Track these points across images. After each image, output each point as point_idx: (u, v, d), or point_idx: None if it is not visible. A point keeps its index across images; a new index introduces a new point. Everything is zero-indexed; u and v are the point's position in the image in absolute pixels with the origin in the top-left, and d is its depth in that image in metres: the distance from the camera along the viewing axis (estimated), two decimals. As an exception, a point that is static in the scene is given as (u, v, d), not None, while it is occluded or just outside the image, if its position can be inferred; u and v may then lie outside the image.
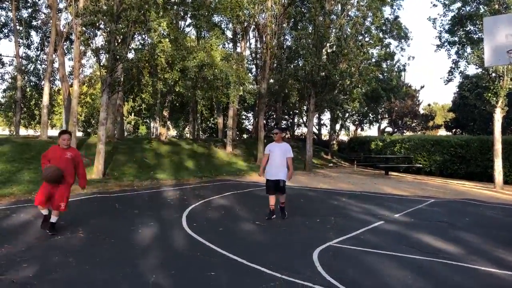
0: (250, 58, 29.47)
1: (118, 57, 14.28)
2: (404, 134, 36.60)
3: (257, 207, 9.60)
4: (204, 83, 18.05)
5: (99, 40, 18.37)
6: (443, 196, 12.46)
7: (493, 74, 15.45)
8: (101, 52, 14.77)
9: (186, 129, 41.12)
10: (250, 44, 29.00)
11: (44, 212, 6.60)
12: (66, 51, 23.38)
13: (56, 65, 22.38)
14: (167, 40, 15.76)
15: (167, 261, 5.33)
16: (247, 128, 39.77)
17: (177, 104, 31.48)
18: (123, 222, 7.56)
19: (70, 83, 20.85)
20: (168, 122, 29.34)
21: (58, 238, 6.33)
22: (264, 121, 30.69)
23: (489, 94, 15.38)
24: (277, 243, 6.40)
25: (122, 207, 9.27)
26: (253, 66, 30.01)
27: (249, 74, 25.92)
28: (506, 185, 16.24)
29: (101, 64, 14.66)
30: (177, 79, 15.85)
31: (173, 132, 45.06)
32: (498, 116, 15.46)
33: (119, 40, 14.54)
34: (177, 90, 16.51)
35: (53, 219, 6.55)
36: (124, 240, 6.34)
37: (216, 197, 11.15)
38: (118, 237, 6.52)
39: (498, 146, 15.42)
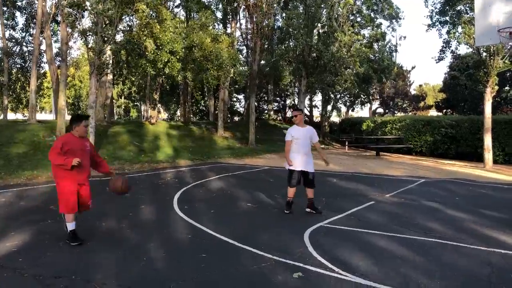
0: (241, 39, 29.19)
1: (106, 39, 14.04)
2: (395, 115, 36.70)
3: (249, 189, 9.60)
4: (193, 64, 17.85)
5: (86, 22, 18.03)
6: (433, 176, 12.54)
7: (484, 54, 15.44)
8: (88, 34, 14.50)
9: (177, 112, 40.88)
10: (240, 25, 28.71)
11: (73, 225, 5.29)
12: (52, 33, 22.95)
13: (43, 47, 22.00)
14: (155, 21, 15.50)
15: (158, 243, 5.32)
16: (239, 110, 39.63)
17: (168, 87, 31.23)
18: (114, 206, 7.53)
19: (57, 66, 20.53)
20: (159, 105, 29.13)
21: (48, 222, 6.28)
22: (256, 103, 30.59)
23: (480, 74, 15.39)
24: (269, 225, 6.41)
25: (113, 190, 9.21)
26: (244, 47, 29.74)
27: (240, 56, 25.69)
28: (496, 164, 16.38)
29: (89, 46, 14.41)
30: (166, 61, 15.66)
31: (164, 115, 44.81)
32: (489, 96, 15.50)
33: (107, 22, 14.28)
34: (166, 72, 16.30)
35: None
36: (115, 223, 6.32)
37: (208, 179, 11.14)
38: (109, 220, 6.49)
39: (488, 126, 15.50)
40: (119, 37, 16.84)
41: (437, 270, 4.46)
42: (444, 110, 36.21)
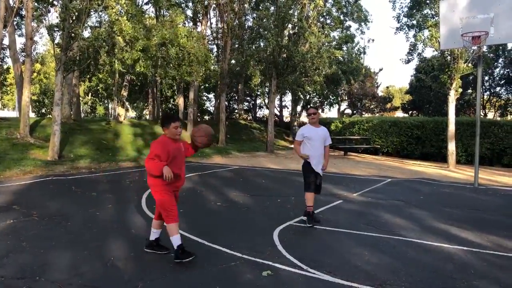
0: (211, 38, 29.05)
1: (73, 35, 13.70)
2: (363, 115, 37.30)
3: (219, 189, 9.58)
4: (165, 62, 17.65)
5: (53, 17, 17.55)
6: (399, 176, 12.84)
7: (448, 57, 15.91)
8: (55, 30, 14.11)
9: (146, 110, 40.31)
10: (211, 23, 28.57)
11: (157, 234, 4.95)
12: (16, 27, 22.21)
13: (6, 41, 21.25)
14: (125, 18, 15.24)
15: (126, 243, 5.23)
16: (209, 109, 39.44)
17: (137, 84, 30.77)
18: (80, 205, 7.36)
19: (22, 61, 19.89)
20: (127, 103, 28.65)
21: (11, 222, 6.08)
22: (226, 103, 30.52)
23: (444, 77, 15.85)
24: (238, 224, 6.41)
25: (79, 189, 9.02)
26: (214, 46, 29.62)
27: (211, 54, 25.58)
28: (459, 164, 16.91)
29: (55, 42, 14.03)
30: (137, 59, 15.42)
31: (132, 113, 44.10)
32: (452, 98, 15.98)
33: (74, 17, 13.93)
34: (137, 70, 16.05)
35: (157, 234, 4.97)
36: (81, 223, 6.18)
37: (177, 178, 11.02)
38: (75, 220, 6.34)
39: (451, 127, 15.98)
40: (87, 34, 16.49)
41: (403, 267, 4.57)
42: (410, 112, 37.06)
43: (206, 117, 37.53)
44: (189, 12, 26.08)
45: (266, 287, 3.95)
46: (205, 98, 38.97)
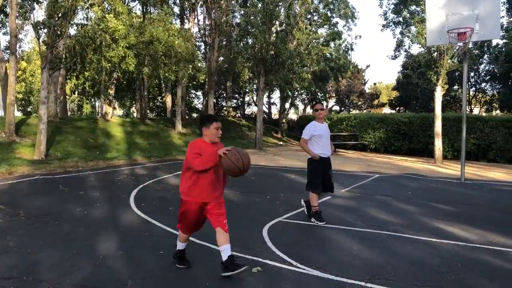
0: (199, 35, 28.93)
1: (59, 32, 13.54)
2: (351, 112, 37.50)
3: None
4: (151, 60, 17.55)
5: (38, 14, 17.33)
6: (387, 171, 12.94)
7: (435, 54, 16.06)
8: (40, 27, 13.94)
9: (133, 108, 40.03)
10: (198, 21, 28.45)
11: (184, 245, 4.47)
12: (0, 25, 21.90)
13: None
14: (111, 15, 15.11)
15: (114, 241, 5.20)
16: (197, 107, 39.32)
17: (124, 82, 30.53)
18: (68, 204, 7.30)
19: (6, 59, 19.61)
20: (114, 101, 28.41)
21: (-3, 222, 6.01)
22: (214, 100, 30.45)
23: (431, 73, 16.00)
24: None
25: (67, 188, 8.94)
26: (202, 43, 29.51)
27: (198, 52, 25.49)
28: (445, 160, 17.10)
29: (41, 39, 13.86)
30: (123, 56, 15.31)
31: (119, 111, 43.78)
32: (439, 94, 16.14)
33: (60, 15, 13.77)
34: (123, 67, 15.93)
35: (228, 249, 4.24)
36: (69, 222, 6.13)
37: (166, 176, 11.00)
38: (63, 219, 6.28)
39: (438, 123, 16.15)
40: (73, 31, 16.32)
41: (391, 261, 4.61)
42: (397, 108, 37.33)
43: (194, 115, 37.41)
44: (176, 9, 25.96)
45: (256, 284, 3.96)
46: (193, 95, 38.81)
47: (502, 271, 4.38)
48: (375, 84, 49.83)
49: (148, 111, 32.58)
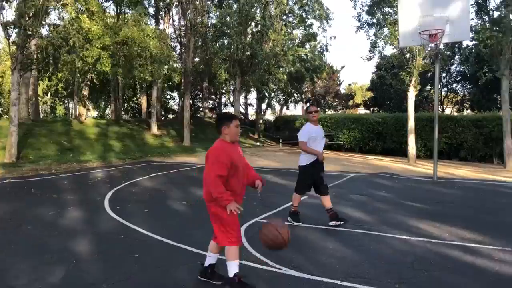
0: (174, 36, 28.73)
1: (30, 33, 13.23)
2: (327, 112, 37.87)
3: (184, 188, 9.50)
4: (126, 61, 17.34)
5: (8, 14, 16.91)
6: (362, 171, 13.11)
7: (408, 55, 16.35)
8: (10, 27, 13.59)
9: (108, 109, 39.44)
10: (173, 21, 28.24)
11: (213, 259, 4.09)
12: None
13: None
14: (85, 16, 14.88)
15: (89, 245, 5.12)
16: (173, 108, 39.02)
17: (98, 83, 30.07)
18: (41, 208, 7.14)
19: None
20: (88, 102, 27.95)
21: (-35, 228, 5.83)
22: (191, 101, 30.27)
23: (404, 74, 16.28)
24: (204, 222, 6.34)
25: (39, 191, 8.75)
26: (177, 44, 29.30)
27: (173, 52, 25.31)
28: (419, 159, 17.43)
29: (11, 40, 13.52)
30: (97, 57, 15.08)
31: (93, 113, 43.06)
32: (411, 95, 16.44)
33: (31, 14, 13.46)
34: (98, 68, 15.68)
35: (213, 259, 4.10)
36: (42, 226, 5.99)
37: (141, 178, 10.87)
38: (35, 223, 6.14)
39: (411, 123, 16.45)
40: (45, 31, 15.97)
41: (366, 259, 4.68)
42: (372, 108, 37.87)
43: (170, 116, 37.11)
44: (151, 10, 25.72)
45: (232, 284, 3.95)
46: (169, 96, 38.49)
47: (473, 266, 4.49)
48: (350, 85, 50.48)
49: (123, 113, 32.22)
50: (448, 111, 35.30)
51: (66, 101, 41.27)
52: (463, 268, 4.43)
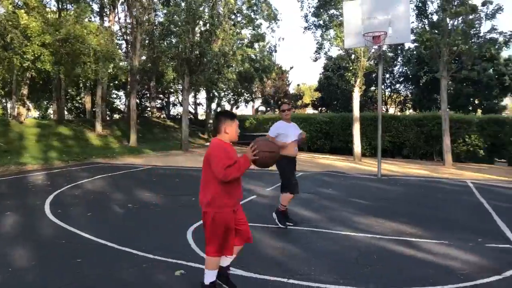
0: (120, 34, 27.95)
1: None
2: (276, 112, 38.19)
3: (130, 190, 9.25)
4: (68, 58, 16.63)
5: None
6: (310, 169, 13.33)
7: (353, 56, 16.82)
8: None
9: (50, 109, 37.76)
10: (119, 18, 27.48)
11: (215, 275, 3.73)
12: None
13: None
14: (22, 11, 14.15)
15: (28, 251, 4.85)
16: (119, 107, 37.95)
17: (40, 82, 28.71)
18: (-27, 214, 6.70)
19: None
20: (28, 102, 26.62)
21: None
22: (137, 101, 29.60)
23: (349, 74, 16.73)
24: (151, 225, 6.24)
25: (-28, 196, 8.21)
26: (123, 42, 28.53)
27: (119, 51, 24.62)
28: (364, 157, 17.97)
29: None
30: (39, 54, 14.36)
31: (35, 113, 41.10)
32: (357, 95, 16.93)
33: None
34: (38, 66, 14.94)
35: (228, 261, 3.84)
36: (-27, 233, 5.62)
37: (85, 181, 10.48)
38: (-34, 230, 5.75)
39: (356, 123, 16.94)
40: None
41: (313, 256, 4.74)
42: (320, 108, 38.66)
43: (117, 116, 36.08)
44: (96, 7, 24.87)
45: (180, 287, 3.88)
46: (114, 95, 37.36)
47: (414, 260, 4.66)
48: (298, 85, 51.26)
49: (66, 112, 30.97)
50: (391, 110, 36.69)
51: (4, 101, 39.11)
52: (405, 262, 4.59)
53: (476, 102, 29.33)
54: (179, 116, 34.72)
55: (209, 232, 3.51)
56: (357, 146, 16.94)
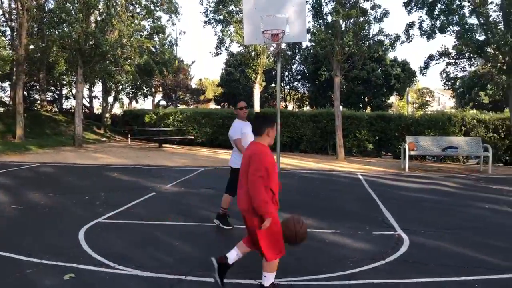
0: (3, 19, 25.46)
1: None
2: (178, 107, 37.68)
3: (14, 189, 8.48)
4: None
5: None
6: (211, 165, 13.33)
7: (253, 53, 17.12)
8: None
9: None
10: (2, 3, 25.01)
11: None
12: None
13: None
14: None
15: None
16: (3, 100, 34.61)
17: None
18: None
19: None
20: None
21: None
22: (25, 93, 27.26)
23: (249, 71, 17.02)
24: (38, 226, 5.77)
25: None
26: (7, 28, 26.04)
27: (3, 38, 22.46)
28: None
29: None
30: None
31: None
32: (257, 91, 17.30)
33: None
34: None
35: (235, 258, 3.87)
36: None
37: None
38: None
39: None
40: None
41: (211, 253, 4.69)
42: (222, 104, 38.89)
43: (1, 109, 32.89)
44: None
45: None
46: (-3, 87, 33.99)
47: (310, 249, 4.86)
48: (201, 80, 50.96)
49: None
50: (290, 107, 38.12)
51: None
52: (300, 252, 4.72)
53: (366, 100, 31.58)
54: (73, 110, 32.70)
55: (266, 236, 3.46)
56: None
